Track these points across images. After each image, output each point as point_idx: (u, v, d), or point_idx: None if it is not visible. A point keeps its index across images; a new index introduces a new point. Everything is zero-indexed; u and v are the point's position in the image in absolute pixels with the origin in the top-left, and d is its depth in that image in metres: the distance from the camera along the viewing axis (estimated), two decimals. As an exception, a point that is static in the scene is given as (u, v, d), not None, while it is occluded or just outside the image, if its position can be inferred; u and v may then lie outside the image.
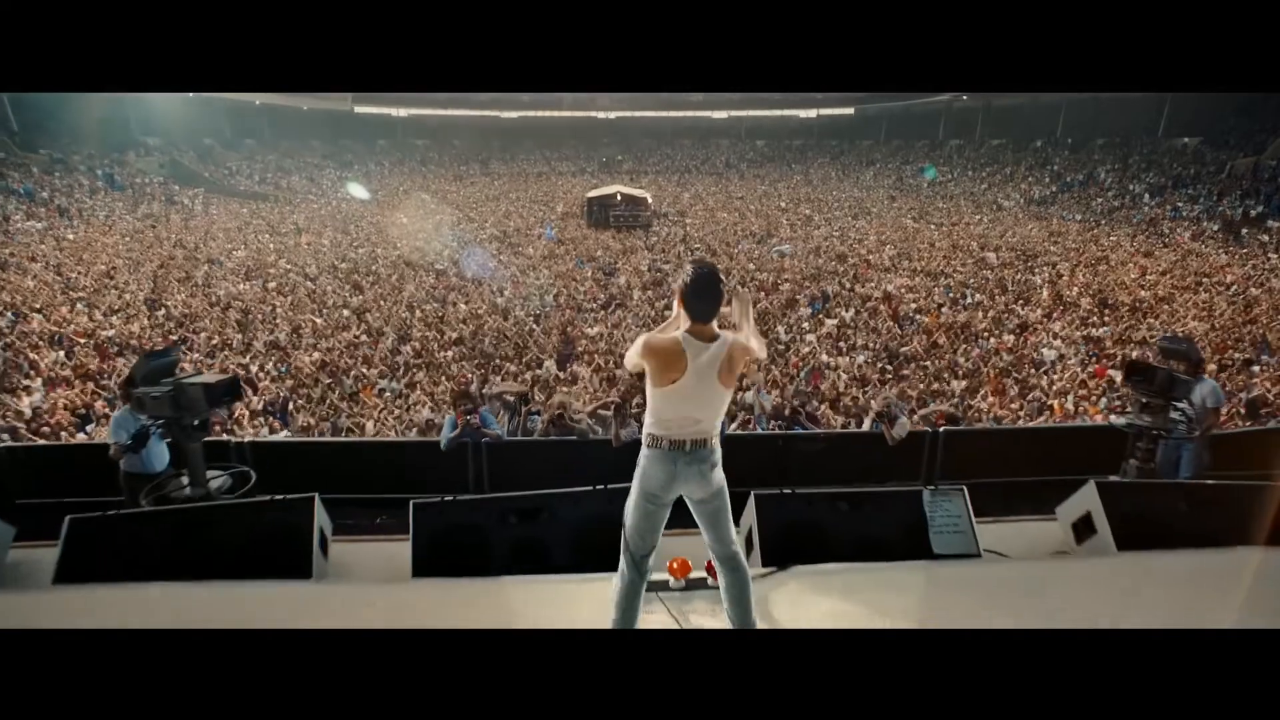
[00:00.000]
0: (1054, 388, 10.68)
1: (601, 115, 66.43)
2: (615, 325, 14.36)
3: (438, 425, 8.63)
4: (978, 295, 17.10)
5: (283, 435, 9.30)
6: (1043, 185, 38.27)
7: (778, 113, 64.07)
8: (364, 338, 13.74)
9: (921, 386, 10.91)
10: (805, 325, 14.59)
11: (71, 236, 25.98)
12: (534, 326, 14.27)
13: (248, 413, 9.82)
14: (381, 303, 16.17)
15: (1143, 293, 17.14)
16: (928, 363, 12.27)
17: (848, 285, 18.16)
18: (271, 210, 35.23)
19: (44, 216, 27.94)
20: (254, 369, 11.79)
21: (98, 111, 39.43)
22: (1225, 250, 23.16)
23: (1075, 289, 17.73)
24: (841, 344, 13.45)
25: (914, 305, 16.15)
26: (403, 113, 62.11)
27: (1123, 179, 35.12)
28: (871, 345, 13.27)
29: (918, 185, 45.12)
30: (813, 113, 64.93)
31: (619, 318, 14.94)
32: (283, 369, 11.71)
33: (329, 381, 11.10)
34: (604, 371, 11.66)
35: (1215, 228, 26.68)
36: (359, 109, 58.88)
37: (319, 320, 14.70)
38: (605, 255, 22.46)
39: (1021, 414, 10.04)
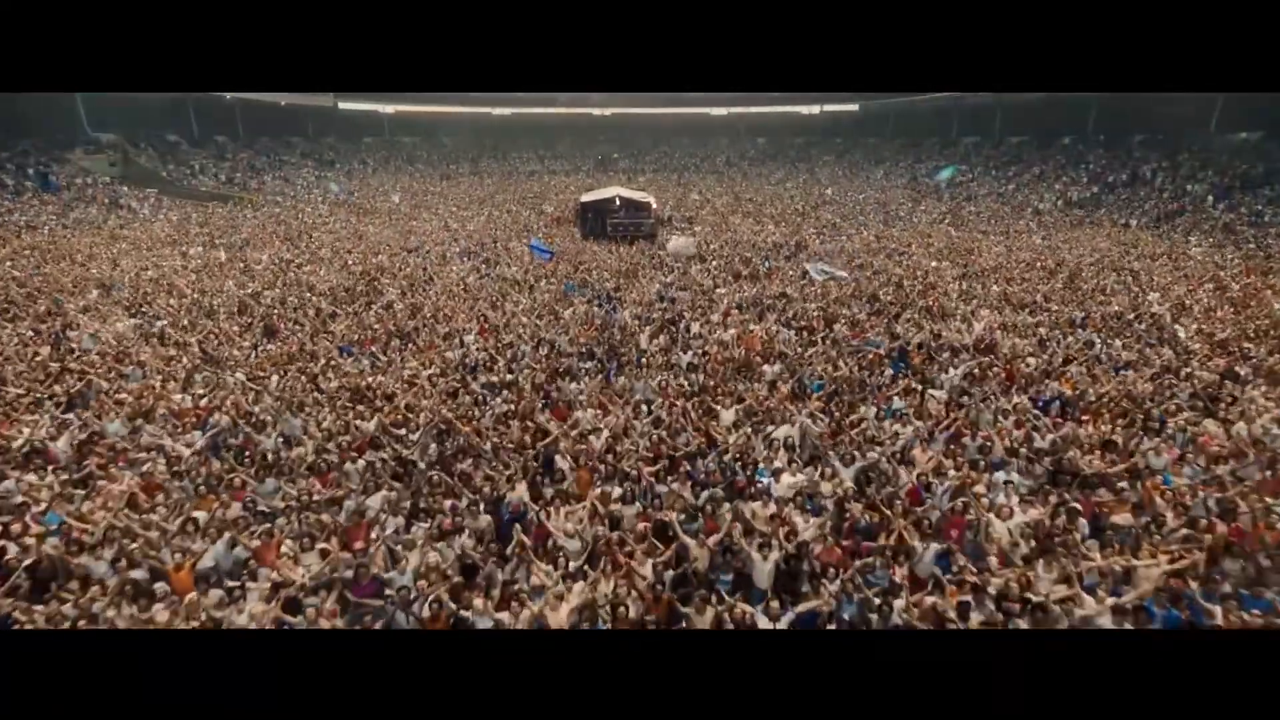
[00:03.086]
0: None
1: (597, 112, 60.83)
2: (615, 402, 9.14)
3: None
4: (1107, 341, 12.00)
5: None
6: (1080, 186, 33.15)
7: (779, 109, 58.55)
8: (243, 427, 8.53)
9: (1169, 561, 5.84)
10: (897, 400, 9.43)
11: (-33, 249, 20.60)
12: (494, 406, 9.07)
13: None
14: (289, 363, 10.89)
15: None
16: (1123, 484, 7.16)
17: (925, 323, 13.04)
18: (226, 215, 29.71)
19: (-66, 226, 22.52)
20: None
21: (42, 104, 33.71)
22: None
23: (1224, 329, 12.66)
24: (965, 438, 8.32)
25: (1031, 359, 11.02)
26: (390, 109, 56.25)
27: (1175, 179, 30.02)
28: (1012, 442, 8.15)
29: (936, 185, 39.94)
30: (815, 108, 59.47)
31: (622, 390, 9.70)
32: (54, 517, 6.49)
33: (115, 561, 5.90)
34: (602, 514, 6.54)
35: (1315, 236, 21.70)
36: (343, 105, 53.00)
37: (182, 396, 9.46)
38: (601, 276, 17.22)
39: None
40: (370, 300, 14.74)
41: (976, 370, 10.53)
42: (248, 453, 7.90)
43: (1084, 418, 9.00)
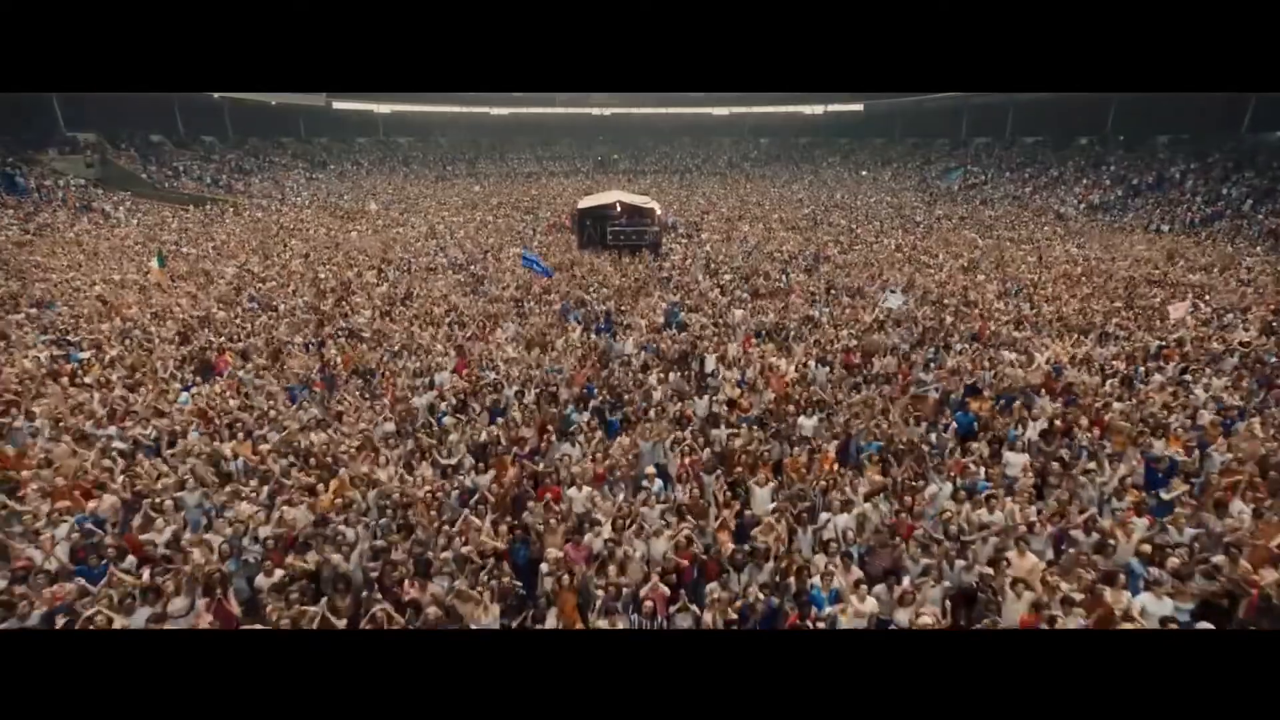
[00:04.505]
0: None
1: (596, 112, 58.61)
2: (617, 472, 7.00)
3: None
4: (1202, 379, 9.89)
5: None
6: (1103, 189, 31.02)
7: (782, 109, 56.36)
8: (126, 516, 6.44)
9: None
10: (970, 466, 7.32)
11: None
12: (463, 479, 6.95)
13: None
14: (220, 415, 8.74)
15: None
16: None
17: (974, 351, 10.94)
18: (204, 220, 27.53)
19: None
20: None
21: (12, 101, 31.47)
22: None
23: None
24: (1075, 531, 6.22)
25: (1117, 404, 8.90)
26: (385, 109, 53.97)
27: (1208, 181, 27.90)
28: (1150, 545, 6.05)
29: (948, 187, 37.83)
30: (819, 109, 57.28)
31: (626, 453, 7.55)
32: None
33: None
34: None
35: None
36: (337, 105, 50.73)
37: (76, 461, 7.33)
38: (601, 292, 15.08)
39: None
40: (334, 325, 12.59)
41: (1059, 422, 8.44)
42: (125, 560, 5.78)
43: (1206, 495, 6.90)
